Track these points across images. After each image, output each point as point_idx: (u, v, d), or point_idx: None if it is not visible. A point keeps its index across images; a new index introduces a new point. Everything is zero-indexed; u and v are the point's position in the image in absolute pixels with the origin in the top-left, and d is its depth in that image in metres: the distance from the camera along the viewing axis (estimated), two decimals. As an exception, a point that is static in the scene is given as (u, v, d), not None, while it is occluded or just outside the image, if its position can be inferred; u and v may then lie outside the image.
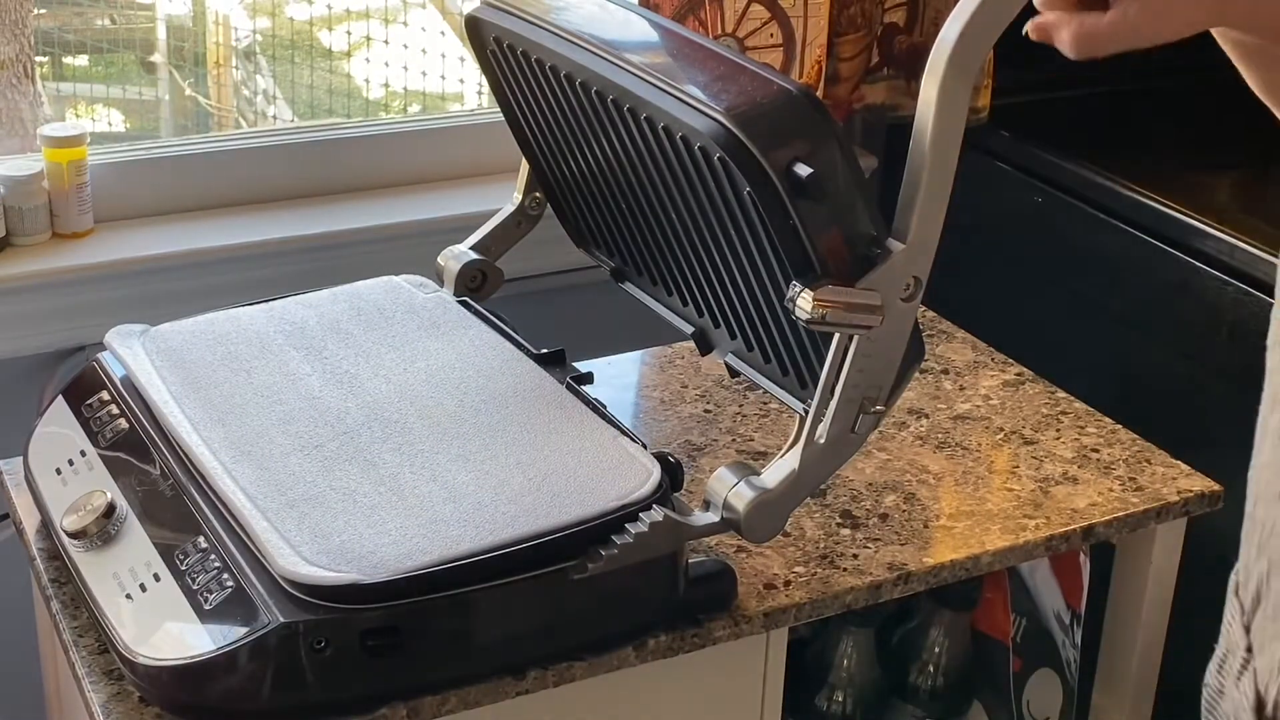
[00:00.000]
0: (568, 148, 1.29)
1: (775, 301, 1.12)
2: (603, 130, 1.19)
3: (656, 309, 1.33)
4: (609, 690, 1.11)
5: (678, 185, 1.14)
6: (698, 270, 1.22)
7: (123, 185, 1.72)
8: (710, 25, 1.83)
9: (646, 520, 1.04)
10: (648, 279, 1.33)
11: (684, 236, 1.20)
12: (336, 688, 1.00)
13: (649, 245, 1.28)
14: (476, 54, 1.32)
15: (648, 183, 1.19)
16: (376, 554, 1.00)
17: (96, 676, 1.05)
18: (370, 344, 1.26)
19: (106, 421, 1.20)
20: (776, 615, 1.14)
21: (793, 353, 1.14)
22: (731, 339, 1.24)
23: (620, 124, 1.16)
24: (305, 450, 1.11)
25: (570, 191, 1.36)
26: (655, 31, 1.21)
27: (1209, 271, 1.60)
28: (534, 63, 1.23)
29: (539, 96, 1.27)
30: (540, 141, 1.34)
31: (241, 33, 2.93)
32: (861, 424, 1.07)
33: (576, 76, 1.17)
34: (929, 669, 1.39)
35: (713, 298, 1.23)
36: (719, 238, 1.14)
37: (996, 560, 1.23)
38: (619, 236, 1.33)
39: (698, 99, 1.04)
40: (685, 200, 1.15)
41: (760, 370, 1.21)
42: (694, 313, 1.28)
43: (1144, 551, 1.34)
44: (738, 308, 1.19)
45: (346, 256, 1.74)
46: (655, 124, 1.10)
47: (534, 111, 1.31)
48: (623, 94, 1.12)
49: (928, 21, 1.93)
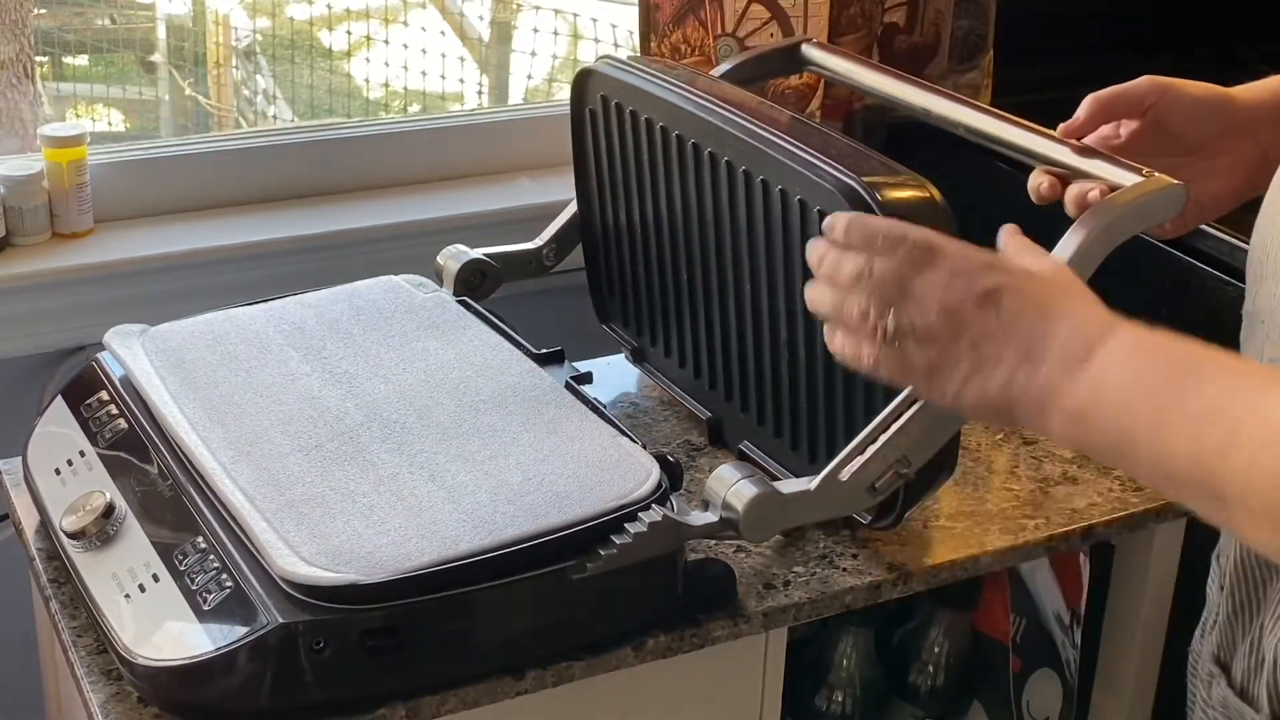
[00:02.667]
0: (642, 205, 1.35)
1: (815, 365, 1.18)
2: (695, 189, 1.26)
3: (673, 391, 1.38)
4: (608, 690, 1.11)
5: (765, 242, 1.20)
6: (735, 336, 1.27)
7: (123, 185, 1.72)
8: (710, 25, 1.83)
9: (646, 520, 1.04)
10: (674, 357, 1.37)
11: (737, 297, 1.25)
12: (336, 688, 0.99)
13: (686, 313, 1.33)
14: (574, 106, 1.39)
15: (724, 240, 1.25)
16: (375, 554, 1.00)
17: (95, 676, 1.05)
18: (369, 344, 1.26)
19: (106, 422, 1.20)
20: (776, 615, 1.14)
21: (812, 426, 1.20)
22: (744, 411, 1.29)
23: (721, 185, 1.23)
24: (304, 450, 1.11)
25: (618, 252, 1.41)
26: (774, 112, 1.27)
27: (1209, 271, 1.60)
28: (643, 121, 1.30)
29: (633, 154, 1.33)
30: (611, 195, 1.39)
31: (241, 33, 2.93)
32: (883, 483, 1.10)
33: (689, 139, 1.25)
34: (929, 669, 1.39)
35: (740, 368, 1.28)
36: (780, 295, 1.20)
37: (996, 560, 1.23)
38: (653, 306, 1.37)
39: (832, 167, 1.12)
40: (760, 257, 1.21)
41: (769, 451, 1.27)
42: (713, 395, 1.33)
43: (1144, 551, 1.34)
44: (767, 377, 1.24)
45: (346, 256, 1.74)
46: (770, 187, 1.17)
47: (619, 167, 1.36)
48: (739, 157, 1.20)
49: (928, 21, 1.93)
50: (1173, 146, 1.14)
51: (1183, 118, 1.14)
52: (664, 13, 1.81)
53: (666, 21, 1.82)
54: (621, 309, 1.44)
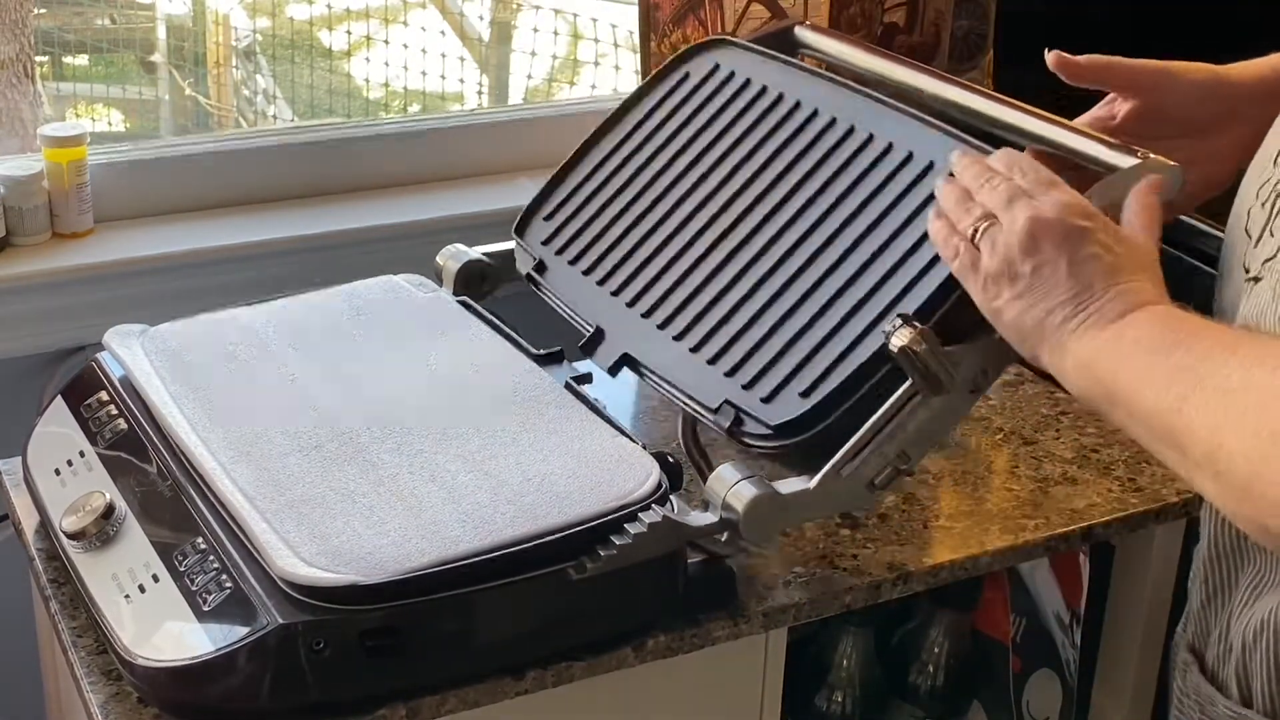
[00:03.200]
0: (670, 161, 1.34)
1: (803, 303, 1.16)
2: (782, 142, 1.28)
3: (560, 306, 1.31)
4: (608, 690, 1.11)
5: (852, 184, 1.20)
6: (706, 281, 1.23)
7: (123, 185, 1.72)
8: (710, 25, 1.83)
9: (646, 520, 1.04)
10: (583, 265, 1.32)
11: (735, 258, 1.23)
12: (336, 688, 0.99)
13: (647, 252, 1.29)
14: (659, 70, 1.39)
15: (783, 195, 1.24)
16: (375, 555, 1.00)
17: (95, 677, 1.05)
18: (369, 344, 1.26)
19: (105, 422, 1.20)
20: (776, 615, 1.14)
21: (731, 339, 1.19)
22: (655, 323, 1.24)
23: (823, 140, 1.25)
24: (304, 451, 1.11)
25: (590, 190, 1.38)
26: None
27: (1209, 271, 1.60)
28: (759, 89, 1.31)
29: (716, 115, 1.33)
30: (632, 150, 1.37)
31: (241, 33, 2.93)
32: (882, 478, 1.10)
33: (806, 104, 1.28)
34: (929, 669, 1.39)
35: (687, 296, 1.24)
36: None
37: (996, 560, 1.23)
38: (604, 239, 1.33)
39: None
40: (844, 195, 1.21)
41: (658, 363, 1.23)
42: (610, 303, 1.28)
43: (1144, 552, 1.34)
44: (726, 313, 1.21)
45: (346, 256, 1.74)
46: (878, 139, 1.20)
47: (680, 125, 1.35)
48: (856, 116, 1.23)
49: (928, 22, 1.93)
50: (1168, 129, 1.14)
51: (1179, 100, 1.14)
52: (664, 13, 1.81)
53: (666, 21, 1.82)
54: (552, 230, 1.37)
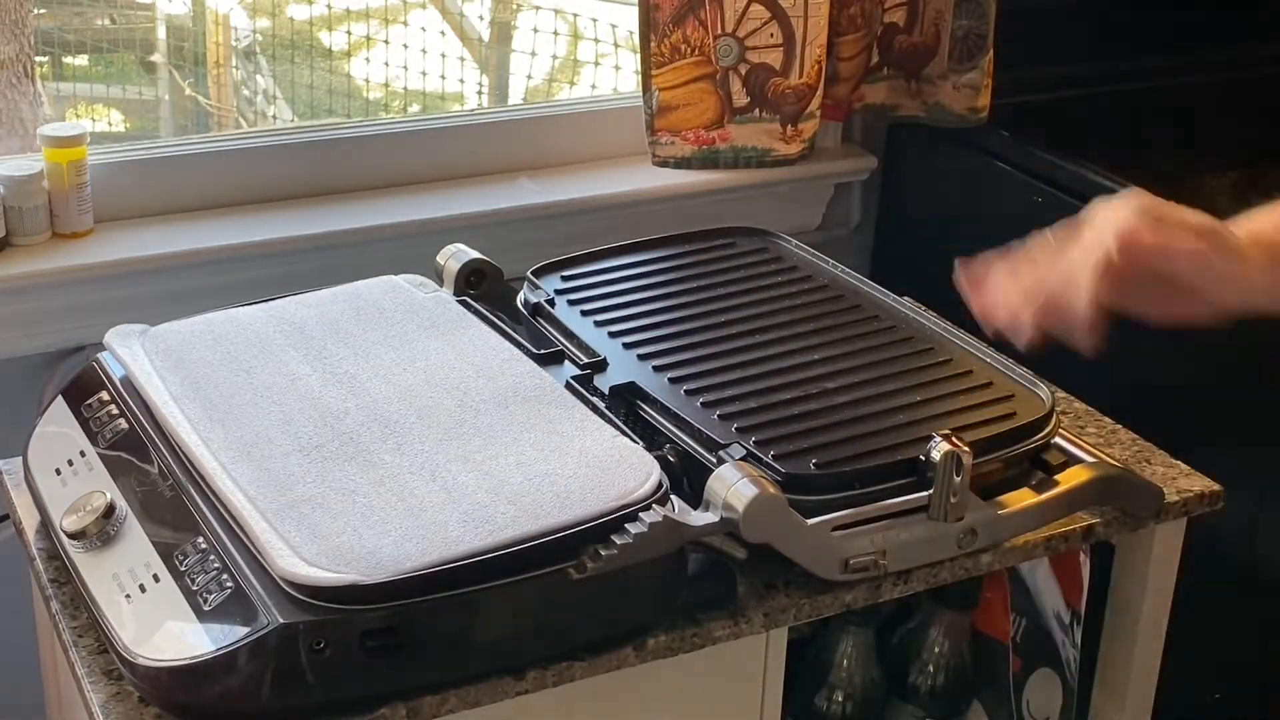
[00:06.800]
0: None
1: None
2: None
3: (556, 337, 1.33)
4: (609, 690, 1.11)
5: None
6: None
7: (123, 185, 1.72)
8: (710, 25, 1.83)
9: (646, 520, 1.04)
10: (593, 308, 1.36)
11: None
12: (336, 688, 0.99)
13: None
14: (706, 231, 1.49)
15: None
16: (376, 554, 1.00)
17: (96, 676, 1.05)
18: (370, 344, 1.26)
19: (106, 422, 1.20)
20: (776, 615, 1.14)
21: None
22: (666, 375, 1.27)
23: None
24: (305, 450, 1.11)
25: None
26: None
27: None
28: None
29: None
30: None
31: (241, 33, 2.93)
32: (856, 563, 1.15)
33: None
34: (929, 669, 1.39)
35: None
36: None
37: (996, 560, 1.23)
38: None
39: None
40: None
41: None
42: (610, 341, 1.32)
43: (1144, 551, 1.34)
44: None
45: (346, 256, 1.74)
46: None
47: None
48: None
49: (928, 21, 1.93)
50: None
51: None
52: (664, 13, 1.81)
53: (666, 21, 1.82)
54: (570, 286, 1.39)
